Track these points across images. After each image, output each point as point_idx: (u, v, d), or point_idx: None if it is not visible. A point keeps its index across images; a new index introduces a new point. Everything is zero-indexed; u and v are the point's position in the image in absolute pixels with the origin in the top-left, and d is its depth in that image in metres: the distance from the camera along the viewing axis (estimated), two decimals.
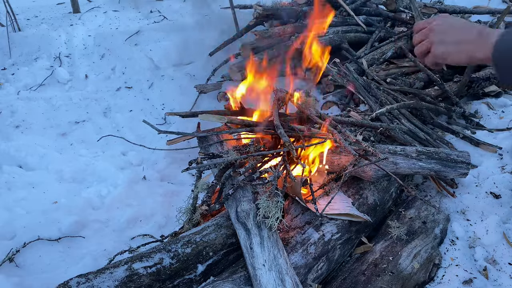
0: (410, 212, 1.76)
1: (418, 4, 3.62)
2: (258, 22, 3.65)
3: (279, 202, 1.32)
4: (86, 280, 1.17)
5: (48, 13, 4.90)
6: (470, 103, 2.82)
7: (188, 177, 2.56)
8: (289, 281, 1.21)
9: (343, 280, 1.45)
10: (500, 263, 1.62)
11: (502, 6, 4.71)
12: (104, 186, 2.47)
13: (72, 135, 3.16)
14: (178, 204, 1.69)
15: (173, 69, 3.86)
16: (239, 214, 1.34)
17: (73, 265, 1.84)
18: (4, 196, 2.35)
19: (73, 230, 2.06)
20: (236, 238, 1.38)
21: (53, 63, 3.94)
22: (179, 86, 3.65)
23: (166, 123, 3.28)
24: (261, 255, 1.26)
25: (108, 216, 2.22)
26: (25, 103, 3.41)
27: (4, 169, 2.56)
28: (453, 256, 1.65)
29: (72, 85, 3.76)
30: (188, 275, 1.31)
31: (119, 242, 1.98)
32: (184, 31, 4.15)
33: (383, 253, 1.54)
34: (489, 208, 1.87)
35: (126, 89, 3.74)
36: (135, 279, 1.21)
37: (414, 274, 1.49)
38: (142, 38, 4.19)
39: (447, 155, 1.76)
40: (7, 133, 3.06)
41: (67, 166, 2.65)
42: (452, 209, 1.88)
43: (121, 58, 4.00)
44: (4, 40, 3.99)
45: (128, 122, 3.28)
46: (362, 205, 1.63)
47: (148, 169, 2.70)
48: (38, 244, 1.94)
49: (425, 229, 1.67)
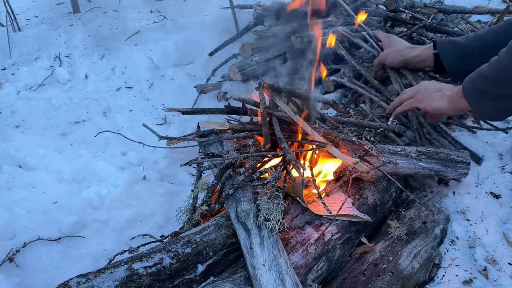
0: (410, 212, 1.76)
1: (418, 4, 3.62)
2: (258, 22, 3.65)
3: (280, 204, 1.32)
4: (86, 280, 1.17)
5: (48, 13, 4.89)
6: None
7: (188, 177, 2.56)
8: (289, 281, 1.21)
9: (343, 280, 1.45)
10: (500, 263, 1.62)
11: (502, 6, 4.71)
12: (104, 186, 2.47)
13: (72, 135, 3.16)
14: (178, 204, 1.69)
15: (173, 69, 3.85)
16: (239, 214, 1.34)
17: (73, 265, 1.84)
18: (4, 196, 2.35)
19: (73, 230, 2.06)
20: (236, 238, 1.38)
21: (53, 63, 3.93)
22: (179, 86, 3.65)
23: (166, 123, 3.28)
24: (261, 255, 1.26)
25: (108, 216, 2.22)
26: (25, 103, 3.41)
27: (4, 169, 2.56)
28: (453, 256, 1.65)
29: (72, 85, 3.76)
30: (188, 275, 1.31)
31: (119, 242, 1.98)
32: (184, 31, 4.15)
33: (383, 253, 1.54)
34: (489, 208, 1.87)
35: (126, 89, 3.74)
36: (135, 279, 1.21)
37: (414, 274, 1.49)
38: (142, 38, 4.19)
39: (447, 155, 1.77)
40: (7, 133, 3.06)
41: (67, 166, 2.65)
42: (452, 209, 1.88)
43: (121, 58, 4.00)
44: (4, 40, 3.99)
45: (128, 122, 3.28)
46: (362, 205, 1.63)
47: (148, 169, 2.70)
48: (38, 244, 1.94)
49: (425, 229, 1.67)
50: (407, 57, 2.05)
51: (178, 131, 3.01)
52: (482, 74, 0.98)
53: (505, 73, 0.91)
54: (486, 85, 0.96)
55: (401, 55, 2.09)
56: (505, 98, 0.96)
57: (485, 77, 0.96)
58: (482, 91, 0.98)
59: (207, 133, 1.75)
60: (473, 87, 1.01)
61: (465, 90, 1.04)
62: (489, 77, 0.94)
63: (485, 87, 0.97)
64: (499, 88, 0.94)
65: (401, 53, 2.10)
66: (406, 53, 2.06)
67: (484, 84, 0.97)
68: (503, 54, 0.92)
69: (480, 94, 1.00)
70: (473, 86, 1.01)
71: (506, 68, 0.91)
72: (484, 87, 0.97)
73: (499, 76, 0.92)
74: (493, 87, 0.95)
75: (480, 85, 0.98)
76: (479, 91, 0.99)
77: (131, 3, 5.11)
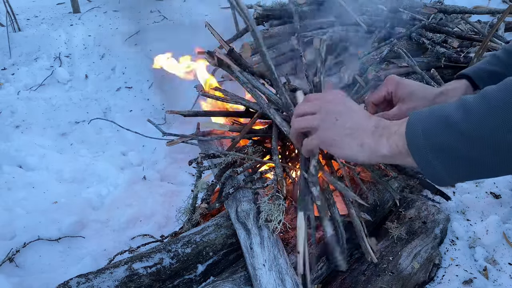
0: (410, 212, 1.76)
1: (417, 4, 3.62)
2: (258, 22, 3.65)
3: (281, 205, 1.32)
4: (86, 280, 1.17)
5: (48, 13, 4.90)
6: None
7: (188, 177, 2.57)
8: (289, 281, 1.21)
9: (343, 280, 1.45)
10: (500, 263, 1.62)
11: (502, 6, 4.71)
12: (104, 186, 2.47)
13: (72, 135, 3.16)
14: (178, 204, 1.70)
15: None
16: (239, 214, 1.34)
17: (73, 265, 1.84)
18: (4, 196, 2.35)
19: (73, 230, 2.06)
20: (236, 238, 1.38)
21: (53, 63, 3.94)
22: (179, 86, 3.65)
23: (166, 123, 3.28)
24: (261, 255, 1.26)
25: (108, 216, 2.22)
26: (25, 103, 3.41)
27: (4, 169, 2.56)
28: (453, 256, 1.65)
29: (72, 85, 3.76)
30: (188, 275, 1.31)
31: (119, 242, 1.98)
32: (184, 31, 4.15)
33: (383, 253, 1.54)
34: (489, 208, 1.87)
35: (126, 89, 3.74)
36: (135, 279, 1.21)
37: (414, 274, 1.49)
38: (142, 38, 4.19)
39: None
40: (7, 133, 3.06)
41: (67, 166, 2.65)
42: (452, 209, 1.88)
43: (121, 58, 4.00)
44: (4, 40, 3.99)
45: (128, 122, 3.28)
46: (362, 205, 1.63)
47: (148, 169, 2.70)
48: (38, 244, 1.94)
49: (425, 229, 1.67)
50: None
51: (178, 132, 3.01)
52: (450, 123, 0.61)
53: (495, 124, 0.56)
54: (458, 141, 0.60)
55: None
56: (484, 158, 0.60)
57: (458, 130, 0.60)
58: (448, 149, 0.61)
59: (207, 133, 1.76)
60: (430, 141, 0.62)
61: (414, 144, 0.64)
62: (465, 130, 0.59)
63: (456, 143, 0.60)
64: (479, 146, 0.59)
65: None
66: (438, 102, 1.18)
67: (454, 139, 0.60)
68: (493, 94, 0.60)
69: (441, 153, 0.61)
70: (430, 140, 0.62)
71: (498, 114, 0.57)
72: (453, 143, 0.60)
73: (483, 128, 0.58)
74: (469, 145, 0.59)
75: (446, 140, 0.61)
76: (442, 148, 0.61)
77: (131, 3, 5.11)
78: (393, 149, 0.68)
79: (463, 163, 0.61)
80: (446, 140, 0.61)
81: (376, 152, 0.71)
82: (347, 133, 0.73)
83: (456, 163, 0.61)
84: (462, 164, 0.61)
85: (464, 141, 0.59)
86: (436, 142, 0.62)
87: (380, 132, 0.71)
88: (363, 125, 0.73)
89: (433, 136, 0.62)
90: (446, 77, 2.93)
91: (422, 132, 0.63)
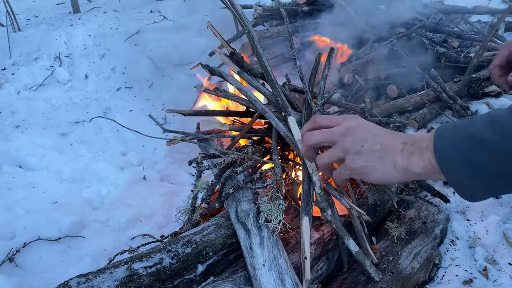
0: (410, 212, 1.76)
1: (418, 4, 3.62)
2: (258, 22, 3.65)
3: (281, 205, 1.32)
4: (86, 280, 1.17)
5: (48, 13, 4.90)
6: (471, 103, 2.82)
7: (188, 177, 2.57)
8: (289, 281, 1.21)
9: (343, 280, 1.45)
10: (500, 263, 1.62)
11: (502, 6, 4.71)
12: (104, 186, 2.48)
13: (72, 135, 3.16)
14: (178, 204, 1.69)
15: (173, 69, 3.86)
16: (239, 214, 1.34)
17: (73, 265, 1.85)
18: (4, 196, 2.35)
19: (73, 230, 2.07)
20: (236, 238, 1.38)
21: (53, 63, 3.94)
22: (179, 86, 3.66)
23: (166, 123, 3.28)
24: (261, 255, 1.25)
25: (108, 216, 2.22)
26: (25, 103, 3.41)
27: (4, 169, 2.56)
28: (453, 256, 1.65)
29: (72, 85, 3.76)
30: (188, 275, 1.31)
31: (119, 242, 1.98)
32: (184, 31, 4.15)
33: (383, 253, 1.54)
34: (489, 208, 1.87)
35: (126, 89, 3.74)
36: (135, 279, 1.21)
37: (414, 274, 1.49)
38: (142, 38, 4.19)
39: None
40: (7, 133, 3.06)
41: (67, 166, 2.65)
42: (452, 209, 1.88)
43: (121, 58, 4.00)
44: (4, 40, 3.99)
45: (128, 122, 3.28)
46: (362, 205, 1.63)
47: (148, 169, 2.70)
48: (38, 244, 1.94)
49: (425, 229, 1.67)
50: None
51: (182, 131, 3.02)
52: (480, 139, 0.60)
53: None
54: (489, 158, 0.58)
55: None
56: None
57: (488, 146, 0.58)
58: (479, 166, 0.59)
59: (207, 133, 1.75)
60: (461, 158, 0.61)
61: (445, 161, 0.63)
62: (497, 146, 0.57)
63: (486, 162, 0.59)
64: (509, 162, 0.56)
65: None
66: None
67: (484, 156, 0.59)
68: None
69: (472, 169, 0.60)
70: (461, 157, 0.61)
71: None
72: (483, 161, 0.59)
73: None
74: (500, 162, 0.57)
75: (477, 158, 0.59)
76: (473, 165, 0.60)
77: (131, 3, 5.12)
78: (427, 167, 0.66)
79: (497, 181, 0.59)
80: (478, 158, 0.59)
81: (409, 171, 0.68)
82: (377, 156, 0.70)
83: (490, 181, 0.59)
84: (496, 181, 0.59)
85: (496, 157, 0.57)
86: (467, 160, 0.60)
87: (409, 149, 0.68)
88: (390, 145, 0.70)
89: (463, 155, 0.60)
90: (445, 77, 2.94)
91: (454, 152, 0.62)
